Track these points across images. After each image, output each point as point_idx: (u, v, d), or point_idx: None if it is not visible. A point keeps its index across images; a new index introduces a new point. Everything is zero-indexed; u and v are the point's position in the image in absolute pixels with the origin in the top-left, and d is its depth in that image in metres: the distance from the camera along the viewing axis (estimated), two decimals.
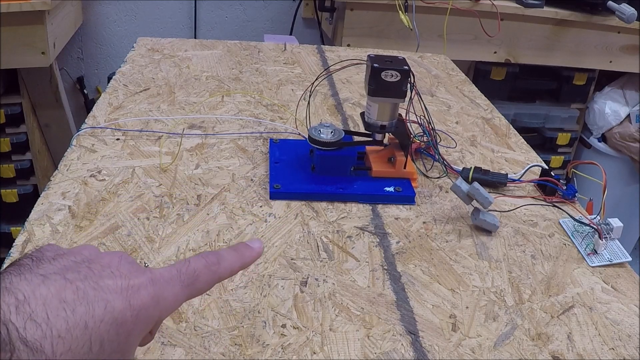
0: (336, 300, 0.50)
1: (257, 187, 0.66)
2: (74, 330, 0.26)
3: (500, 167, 0.77)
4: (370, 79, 0.63)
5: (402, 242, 0.59)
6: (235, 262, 0.35)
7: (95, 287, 0.28)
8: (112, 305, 0.28)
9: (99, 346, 0.27)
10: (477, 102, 0.99)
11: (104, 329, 0.27)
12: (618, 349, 0.48)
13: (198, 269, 0.33)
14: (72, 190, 0.62)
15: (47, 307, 0.26)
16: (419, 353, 0.46)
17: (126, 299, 0.28)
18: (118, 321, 0.28)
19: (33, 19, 1.36)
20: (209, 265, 0.33)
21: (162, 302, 0.30)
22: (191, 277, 0.32)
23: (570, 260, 0.59)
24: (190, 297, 0.33)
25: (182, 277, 0.32)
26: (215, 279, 0.34)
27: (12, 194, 1.64)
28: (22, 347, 0.24)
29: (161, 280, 0.31)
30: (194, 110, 0.83)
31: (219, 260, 0.34)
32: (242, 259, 0.36)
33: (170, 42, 1.10)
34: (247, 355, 0.44)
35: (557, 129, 1.92)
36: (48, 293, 0.26)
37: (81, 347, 0.26)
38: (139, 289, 0.29)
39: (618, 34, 1.69)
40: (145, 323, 0.29)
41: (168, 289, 0.31)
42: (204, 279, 0.33)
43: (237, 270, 0.35)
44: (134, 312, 0.29)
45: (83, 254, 0.31)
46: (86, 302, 0.27)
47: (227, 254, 0.35)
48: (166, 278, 0.31)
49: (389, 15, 1.53)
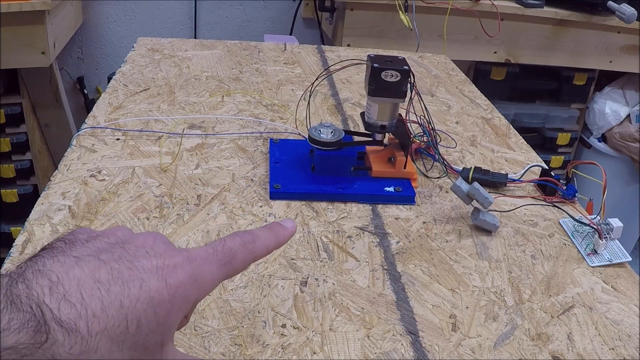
0: (336, 300, 0.50)
1: (257, 187, 0.66)
2: (109, 309, 0.26)
3: (500, 167, 0.77)
4: (370, 79, 0.63)
5: (402, 242, 0.59)
6: (271, 241, 0.35)
7: (130, 267, 0.27)
8: (147, 285, 0.27)
9: (136, 326, 0.26)
10: (477, 102, 0.99)
11: (141, 308, 0.27)
12: (618, 349, 0.48)
13: (234, 248, 0.32)
14: (72, 190, 0.62)
15: (81, 287, 0.25)
16: (419, 353, 0.46)
17: (162, 278, 0.28)
18: (155, 300, 0.27)
19: (33, 19, 1.36)
20: (245, 244, 0.33)
21: (199, 280, 0.30)
22: (228, 256, 0.32)
23: (570, 260, 0.59)
24: (227, 276, 0.32)
25: (219, 255, 0.32)
26: (252, 257, 0.33)
27: (12, 194, 1.64)
28: (57, 328, 0.24)
29: (198, 259, 0.30)
30: (194, 110, 0.83)
31: (254, 239, 0.34)
32: (277, 237, 0.35)
33: (170, 42, 1.10)
34: (247, 355, 0.44)
35: (557, 129, 1.92)
36: (82, 274, 0.26)
37: (117, 326, 0.26)
38: (175, 267, 0.29)
39: (618, 34, 1.69)
40: (183, 302, 0.29)
41: (205, 267, 0.30)
42: (241, 257, 0.32)
43: (272, 249, 0.35)
44: (171, 291, 0.28)
45: (117, 235, 0.30)
46: (121, 282, 0.27)
47: (262, 232, 0.35)
48: (203, 257, 0.31)
49: (389, 15, 1.53)
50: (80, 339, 0.25)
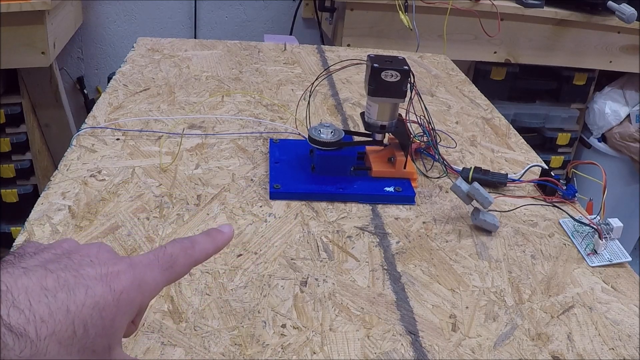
0: (336, 300, 0.50)
1: (257, 187, 0.66)
2: (57, 314, 0.27)
3: (500, 167, 0.77)
4: (370, 79, 0.63)
5: (402, 242, 0.59)
6: (209, 246, 0.36)
7: (75, 275, 0.29)
8: (92, 290, 0.29)
9: (83, 329, 0.28)
10: (477, 102, 0.99)
11: (87, 312, 0.28)
12: (618, 349, 0.48)
13: (175, 253, 0.34)
14: (72, 190, 0.62)
15: (29, 294, 0.27)
16: (419, 353, 0.46)
17: (107, 284, 0.29)
18: (100, 305, 0.29)
19: (33, 19, 1.36)
20: (184, 249, 0.35)
21: (143, 285, 0.31)
22: (169, 261, 0.33)
23: (570, 260, 0.59)
24: (169, 281, 0.34)
25: (161, 261, 0.33)
26: (192, 262, 0.35)
27: (12, 194, 1.64)
28: (7, 333, 0.25)
29: (140, 265, 0.32)
30: (194, 110, 0.83)
31: (193, 245, 0.35)
32: (214, 242, 0.37)
33: (170, 42, 1.10)
34: (247, 355, 0.44)
35: (557, 129, 1.92)
36: (29, 282, 0.27)
37: (65, 330, 0.27)
38: (119, 274, 0.30)
39: (618, 34, 1.69)
40: (127, 306, 0.30)
41: (147, 273, 0.32)
42: (182, 262, 0.34)
43: (211, 254, 0.37)
44: (116, 296, 0.29)
45: (63, 247, 0.32)
46: (67, 289, 0.28)
47: (201, 238, 0.36)
48: (145, 263, 0.32)
49: (389, 15, 1.53)
50: (29, 343, 0.26)
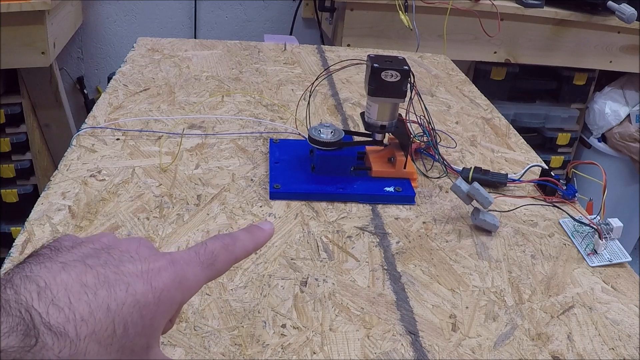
0: (336, 300, 0.50)
1: (257, 187, 0.66)
2: (97, 313, 0.26)
3: (500, 167, 0.77)
4: (370, 79, 0.63)
5: (402, 242, 0.59)
6: (250, 243, 0.36)
7: (115, 272, 0.28)
8: (133, 288, 0.28)
9: (123, 329, 0.27)
10: (477, 102, 0.99)
11: (127, 311, 0.27)
12: (618, 349, 0.48)
13: (216, 250, 0.33)
14: (72, 190, 0.62)
15: (68, 292, 0.26)
16: (419, 353, 0.46)
17: (147, 282, 0.29)
18: (140, 303, 0.28)
19: (33, 19, 1.36)
20: (225, 246, 0.34)
21: (183, 282, 0.31)
22: (210, 258, 0.33)
23: (570, 260, 0.59)
24: (210, 278, 0.33)
25: (201, 258, 0.33)
26: (233, 259, 0.34)
27: (12, 194, 1.64)
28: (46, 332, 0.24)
29: (181, 262, 0.31)
30: (194, 110, 0.83)
31: (234, 241, 0.35)
32: (255, 239, 0.36)
33: (170, 42, 1.10)
34: (247, 355, 0.44)
35: (557, 129, 1.92)
36: (69, 279, 0.27)
37: (105, 329, 0.26)
38: (160, 271, 0.30)
39: (618, 34, 1.69)
40: (168, 304, 0.29)
41: (188, 270, 0.31)
42: (222, 259, 0.34)
43: (251, 251, 0.36)
44: (156, 294, 0.29)
45: (102, 241, 0.31)
46: (107, 286, 0.27)
47: (242, 235, 0.36)
48: (186, 260, 0.32)
49: (389, 15, 1.53)
50: (69, 342, 0.25)
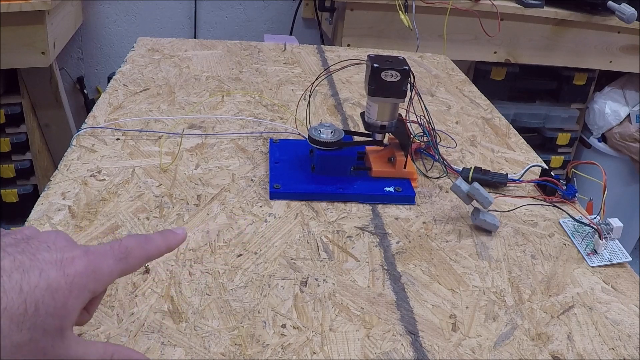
0: (336, 300, 0.50)
1: (257, 187, 0.66)
2: (10, 292, 0.29)
3: (500, 167, 0.77)
4: (370, 79, 0.63)
5: (402, 242, 0.59)
6: (162, 244, 0.38)
7: (31, 259, 0.31)
8: (47, 273, 0.31)
9: (34, 309, 0.30)
10: (477, 102, 0.99)
11: (39, 293, 0.30)
12: (618, 349, 0.48)
13: (130, 246, 0.36)
14: (72, 190, 0.62)
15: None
16: (419, 353, 0.46)
17: (60, 268, 0.31)
18: (52, 287, 0.30)
19: (33, 19, 1.36)
20: (139, 244, 0.36)
21: (97, 272, 0.33)
22: (124, 252, 0.35)
23: (570, 260, 0.59)
24: (123, 272, 0.35)
25: (115, 252, 0.35)
26: (145, 256, 0.37)
27: (12, 194, 1.64)
28: None
29: (95, 253, 0.34)
30: (194, 110, 0.83)
31: (147, 241, 0.37)
32: (167, 242, 0.39)
33: (170, 42, 1.10)
34: (247, 355, 0.44)
35: (557, 129, 1.92)
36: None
37: (17, 307, 0.29)
38: (74, 259, 0.32)
39: (618, 34, 1.69)
40: (80, 290, 0.32)
41: (102, 261, 0.34)
42: (135, 255, 0.36)
43: (163, 252, 0.38)
44: (69, 279, 0.31)
45: (24, 233, 0.34)
46: (22, 270, 0.30)
47: (156, 236, 0.38)
48: (100, 252, 0.34)
49: (389, 15, 1.53)
50: None
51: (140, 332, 0.45)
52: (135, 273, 0.51)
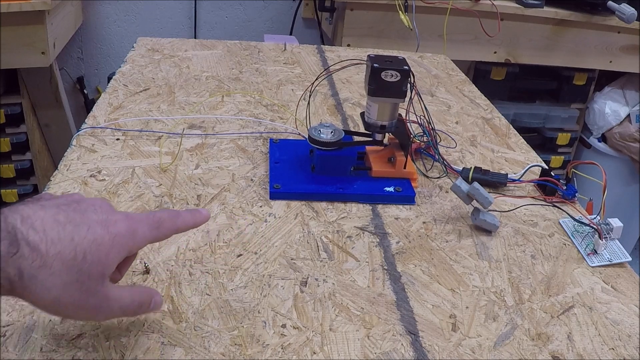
0: (336, 300, 0.50)
1: (257, 187, 0.66)
2: (63, 240, 0.35)
3: (500, 167, 0.77)
4: (370, 79, 0.63)
5: (402, 242, 0.59)
6: (189, 220, 0.43)
7: (81, 217, 0.37)
8: (93, 230, 0.37)
9: (82, 256, 0.35)
10: (477, 102, 0.99)
11: (87, 244, 0.36)
12: (618, 349, 0.48)
13: (162, 218, 0.41)
14: (72, 190, 0.62)
15: (44, 223, 0.35)
16: (419, 353, 0.46)
17: (105, 227, 0.37)
18: (98, 241, 0.36)
19: (33, 19, 1.36)
20: (170, 217, 0.42)
21: (134, 235, 0.39)
22: (157, 223, 0.41)
23: (570, 260, 0.59)
24: (155, 238, 0.41)
25: (150, 221, 0.40)
26: (174, 228, 0.42)
27: (12, 194, 1.64)
28: (25, 246, 0.34)
29: (134, 219, 0.40)
30: (194, 110, 0.83)
31: (177, 216, 0.43)
32: (194, 219, 0.44)
33: (170, 42, 1.10)
34: (247, 355, 0.44)
35: (557, 129, 1.92)
36: (45, 215, 0.36)
37: (68, 253, 0.35)
38: (116, 221, 0.38)
39: (618, 34, 1.69)
40: (120, 247, 0.38)
41: (139, 226, 0.39)
42: (166, 226, 0.41)
43: (189, 227, 0.44)
44: (111, 237, 0.37)
45: (73, 197, 0.40)
46: (74, 225, 0.36)
47: (184, 213, 0.43)
48: (138, 219, 0.40)
49: (389, 15, 1.53)
50: (40, 256, 0.34)
51: (140, 332, 0.45)
52: (135, 273, 0.51)
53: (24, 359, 0.42)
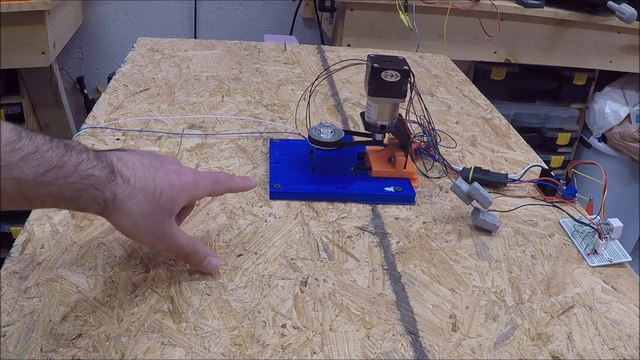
0: (336, 300, 0.50)
1: (257, 187, 0.66)
2: (147, 179, 0.45)
3: (500, 167, 0.77)
4: (370, 79, 0.63)
5: (402, 242, 0.59)
6: (240, 184, 0.54)
7: (161, 164, 0.47)
8: (169, 175, 0.47)
9: (160, 193, 0.45)
10: (477, 102, 0.99)
11: (164, 185, 0.46)
12: (618, 349, 0.48)
13: (220, 177, 0.52)
14: None
15: (133, 163, 0.45)
16: (419, 353, 0.46)
17: (177, 176, 0.47)
18: (172, 184, 0.46)
19: (33, 19, 1.36)
20: (226, 178, 0.53)
21: (197, 185, 0.49)
22: (216, 180, 0.51)
23: (570, 260, 0.59)
24: (211, 193, 0.52)
25: (211, 177, 0.51)
26: (228, 187, 0.53)
27: None
28: (119, 176, 0.43)
29: (199, 174, 0.50)
30: (194, 110, 0.83)
31: (231, 178, 0.54)
32: (244, 183, 0.55)
33: (170, 42, 1.10)
34: (247, 355, 0.44)
35: (557, 129, 1.92)
36: (134, 158, 0.46)
37: (149, 188, 0.45)
38: (185, 173, 0.48)
39: (618, 34, 1.69)
40: (187, 192, 0.48)
41: (202, 179, 0.50)
42: (223, 184, 0.52)
43: (240, 190, 0.56)
44: (182, 183, 0.47)
45: (150, 153, 0.49)
46: (155, 169, 0.46)
47: (236, 177, 0.55)
48: (201, 174, 0.51)
49: (389, 15, 1.53)
50: (130, 187, 0.44)
51: (140, 332, 0.45)
52: (135, 273, 0.51)
53: (24, 359, 0.42)
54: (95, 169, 0.41)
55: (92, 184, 0.41)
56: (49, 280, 0.49)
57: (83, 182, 0.41)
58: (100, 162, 0.42)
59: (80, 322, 0.45)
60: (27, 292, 0.48)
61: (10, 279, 0.49)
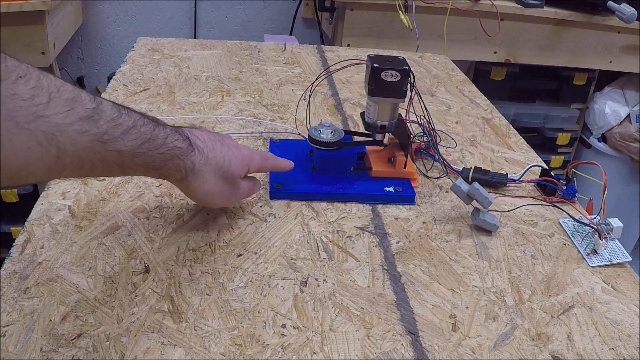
0: (336, 300, 0.50)
1: None
2: (217, 150, 0.52)
3: (500, 167, 0.77)
4: (370, 79, 0.63)
5: (402, 242, 0.59)
6: (282, 163, 0.61)
7: (223, 140, 0.54)
8: (231, 149, 0.54)
9: (228, 162, 0.53)
10: (477, 102, 0.99)
11: (230, 155, 0.53)
12: (618, 349, 0.48)
13: (268, 155, 0.60)
14: (72, 190, 0.62)
15: (204, 137, 0.52)
16: (419, 353, 0.46)
17: (237, 151, 0.55)
18: (235, 155, 0.54)
19: (33, 19, 1.36)
20: (272, 156, 0.61)
21: (252, 159, 0.56)
22: (265, 156, 0.59)
23: (570, 260, 0.59)
24: (261, 168, 0.59)
25: (262, 154, 0.59)
26: (273, 165, 0.61)
27: (12, 194, 1.64)
28: (195, 147, 0.50)
29: (253, 150, 0.57)
30: (194, 110, 0.83)
31: (275, 157, 0.61)
32: (285, 164, 0.62)
33: (170, 42, 1.10)
34: (247, 355, 0.44)
35: (557, 129, 1.92)
36: (204, 134, 0.53)
37: (220, 158, 0.52)
38: (242, 148, 0.56)
39: (618, 34, 1.69)
40: (246, 164, 0.55)
41: (255, 155, 0.57)
42: (270, 162, 0.60)
43: (281, 169, 0.62)
44: (240, 156, 0.54)
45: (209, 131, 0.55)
46: (220, 143, 0.53)
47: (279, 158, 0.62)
48: (254, 151, 0.58)
49: (389, 15, 1.53)
50: (204, 157, 0.51)
51: (140, 332, 0.45)
52: (135, 273, 0.51)
53: (24, 359, 0.42)
54: (178, 141, 0.48)
55: (176, 154, 0.47)
56: (48, 280, 0.49)
57: (170, 152, 0.47)
58: (180, 135, 0.48)
59: (80, 322, 0.45)
60: (27, 292, 0.48)
61: (10, 279, 0.49)
